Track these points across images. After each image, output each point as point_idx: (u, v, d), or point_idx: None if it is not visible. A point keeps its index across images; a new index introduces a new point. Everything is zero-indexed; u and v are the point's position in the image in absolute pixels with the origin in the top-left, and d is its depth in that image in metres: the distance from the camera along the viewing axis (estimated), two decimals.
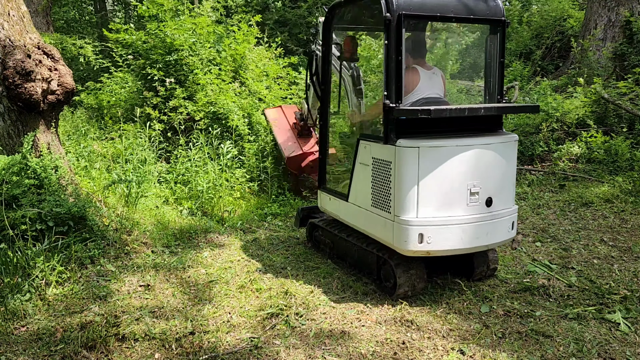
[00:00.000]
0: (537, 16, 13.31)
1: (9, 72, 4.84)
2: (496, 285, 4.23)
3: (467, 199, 3.72)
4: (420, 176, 3.62)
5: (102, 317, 3.66)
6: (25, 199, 4.60)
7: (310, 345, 3.32)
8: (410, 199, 3.65)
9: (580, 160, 7.87)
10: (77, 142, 7.80)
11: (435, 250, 3.72)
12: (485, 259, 4.25)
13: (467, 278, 4.26)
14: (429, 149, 3.63)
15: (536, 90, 9.66)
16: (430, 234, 3.66)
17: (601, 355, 3.24)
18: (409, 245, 3.67)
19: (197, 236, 5.57)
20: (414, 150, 3.60)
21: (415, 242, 3.65)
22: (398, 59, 3.69)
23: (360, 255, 4.42)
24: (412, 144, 3.62)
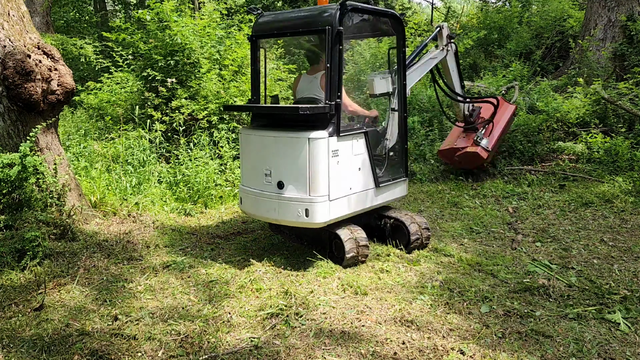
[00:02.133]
0: (537, 16, 13.32)
1: (9, 72, 4.84)
2: (496, 285, 4.23)
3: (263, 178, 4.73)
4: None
5: (103, 319, 3.67)
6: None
7: (310, 345, 3.32)
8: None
9: (580, 160, 7.87)
10: (77, 142, 7.81)
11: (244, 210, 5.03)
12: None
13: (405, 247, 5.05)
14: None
15: (536, 90, 9.66)
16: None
17: (601, 355, 3.24)
18: None
19: (197, 236, 5.58)
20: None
21: None
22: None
23: (314, 234, 5.03)
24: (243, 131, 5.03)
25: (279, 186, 4.58)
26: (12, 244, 4.48)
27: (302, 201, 4.49)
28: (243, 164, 5.01)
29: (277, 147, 4.59)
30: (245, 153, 4.93)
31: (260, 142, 4.73)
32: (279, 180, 4.57)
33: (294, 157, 4.47)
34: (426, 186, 7.66)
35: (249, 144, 4.84)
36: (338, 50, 4.42)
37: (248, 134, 4.86)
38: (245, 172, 4.96)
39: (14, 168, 4.69)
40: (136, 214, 6.02)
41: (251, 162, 4.84)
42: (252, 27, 4.98)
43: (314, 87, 4.98)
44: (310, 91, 5.01)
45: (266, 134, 4.69)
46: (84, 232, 5.21)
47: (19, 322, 3.62)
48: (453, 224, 5.93)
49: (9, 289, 4.11)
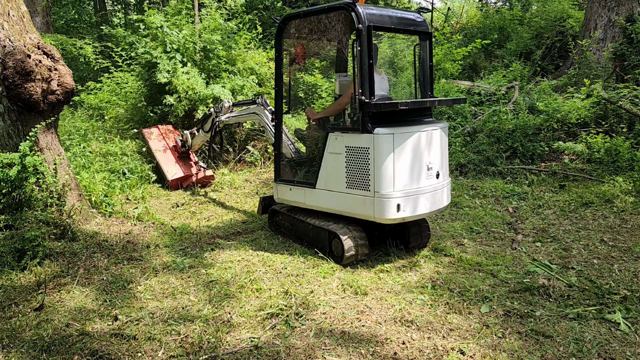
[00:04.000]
0: (537, 16, 13.32)
1: (9, 72, 4.84)
2: (496, 285, 4.23)
3: (426, 174, 4.61)
4: (395, 157, 4.42)
5: (103, 319, 3.67)
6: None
7: (310, 345, 3.32)
8: (384, 177, 4.41)
9: (579, 159, 7.86)
10: (77, 142, 7.81)
11: (409, 216, 4.51)
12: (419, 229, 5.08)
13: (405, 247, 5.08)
14: (400, 135, 4.44)
15: (536, 90, 9.66)
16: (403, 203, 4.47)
17: (601, 355, 3.24)
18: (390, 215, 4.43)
19: (197, 236, 5.58)
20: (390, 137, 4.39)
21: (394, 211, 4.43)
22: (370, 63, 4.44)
23: (314, 234, 5.09)
24: (387, 131, 4.37)
25: (437, 176, 4.72)
26: (12, 244, 4.49)
27: (449, 184, 4.94)
28: (396, 167, 4.40)
29: (434, 141, 4.69)
30: (401, 154, 4.43)
31: (417, 139, 4.51)
32: (437, 171, 4.72)
33: (443, 146, 4.79)
34: None
35: (405, 145, 4.44)
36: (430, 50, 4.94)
37: (401, 133, 4.42)
38: (401, 175, 4.43)
39: (13, 168, 4.69)
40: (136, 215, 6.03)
41: (410, 161, 4.48)
42: (358, 17, 4.46)
43: (384, 86, 5.09)
44: (382, 90, 5.00)
45: (419, 130, 4.54)
46: (84, 232, 5.21)
47: (19, 322, 3.62)
48: (453, 224, 5.93)
49: (9, 289, 4.11)
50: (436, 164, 4.68)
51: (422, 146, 4.55)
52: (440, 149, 4.73)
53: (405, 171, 4.45)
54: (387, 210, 4.38)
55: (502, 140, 8.36)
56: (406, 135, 4.44)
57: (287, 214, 5.44)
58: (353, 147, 4.52)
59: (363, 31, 4.35)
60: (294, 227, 5.40)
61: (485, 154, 8.28)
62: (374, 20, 4.46)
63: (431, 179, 4.62)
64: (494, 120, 8.59)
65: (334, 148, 4.69)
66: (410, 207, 4.47)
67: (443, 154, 4.79)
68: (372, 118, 4.43)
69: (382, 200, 4.37)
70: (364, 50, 4.38)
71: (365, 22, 4.37)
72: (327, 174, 4.79)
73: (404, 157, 4.43)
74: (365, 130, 4.41)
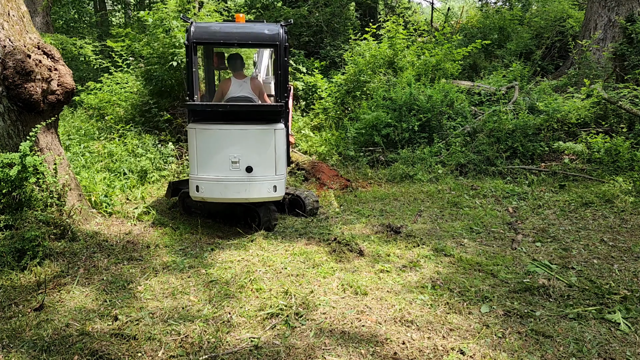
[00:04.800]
0: (537, 16, 13.32)
1: (9, 72, 4.84)
2: (496, 285, 4.23)
3: (230, 166, 5.41)
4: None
5: (103, 319, 3.67)
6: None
7: (310, 345, 3.32)
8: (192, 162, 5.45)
9: (580, 160, 7.87)
10: (77, 142, 7.81)
11: (207, 197, 5.46)
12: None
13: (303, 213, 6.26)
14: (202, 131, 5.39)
15: (536, 90, 9.66)
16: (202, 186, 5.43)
17: (601, 355, 3.24)
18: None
19: (197, 236, 5.58)
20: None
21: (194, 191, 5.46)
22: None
23: (230, 210, 5.97)
24: (193, 126, 5.40)
25: (249, 170, 5.39)
26: (12, 244, 4.48)
27: (271, 180, 5.51)
28: (200, 156, 5.40)
29: (245, 138, 5.41)
30: (205, 145, 5.39)
31: (224, 135, 5.37)
32: (248, 165, 5.40)
33: (263, 145, 5.43)
34: (426, 186, 7.66)
35: (209, 138, 5.38)
36: (285, 61, 5.54)
37: (206, 128, 5.37)
38: (204, 162, 5.41)
39: (13, 168, 4.69)
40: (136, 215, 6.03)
41: (214, 152, 5.37)
42: (188, 34, 5.45)
43: (245, 89, 5.91)
44: (243, 93, 5.88)
45: (231, 128, 5.37)
46: (84, 232, 5.21)
47: (19, 322, 3.62)
48: (453, 224, 5.93)
49: (9, 289, 4.11)
50: (248, 159, 5.40)
51: (226, 141, 5.38)
52: (258, 146, 5.43)
53: (205, 160, 5.40)
54: (192, 189, 5.48)
55: (502, 140, 8.36)
56: (209, 131, 5.37)
57: None
58: (186, 138, 5.52)
59: (189, 45, 5.32)
60: (206, 206, 6.19)
61: (485, 154, 8.28)
62: (200, 37, 5.40)
63: (236, 172, 5.40)
64: (494, 120, 8.60)
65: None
66: (207, 190, 5.43)
67: (262, 151, 5.44)
68: (192, 114, 5.45)
69: (190, 181, 5.49)
70: (189, 61, 5.39)
71: (192, 38, 5.33)
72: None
73: (204, 148, 5.38)
74: (187, 124, 5.49)
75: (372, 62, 11.11)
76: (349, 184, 7.89)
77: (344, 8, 15.95)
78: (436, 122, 9.26)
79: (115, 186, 6.83)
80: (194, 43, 5.37)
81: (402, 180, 8.08)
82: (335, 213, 6.52)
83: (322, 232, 5.63)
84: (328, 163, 8.84)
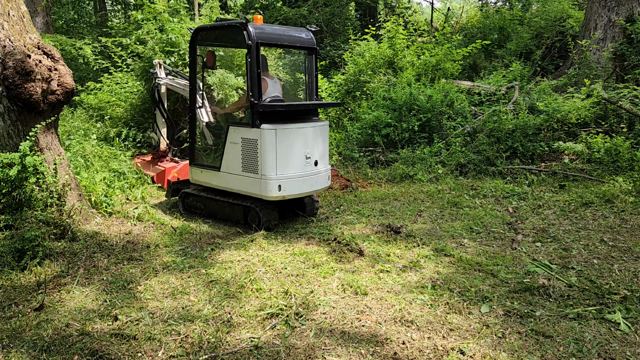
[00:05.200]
0: (537, 16, 13.32)
1: (9, 72, 4.84)
2: (496, 285, 4.23)
3: (305, 161, 5.70)
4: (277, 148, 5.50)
5: (103, 319, 3.67)
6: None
7: (310, 345, 3.32)
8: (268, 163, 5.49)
9: (580, 160, 7.87)
10: (77, 142, 7.81)
11: (288, 194, 5.63)
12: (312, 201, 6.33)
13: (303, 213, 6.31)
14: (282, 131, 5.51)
15: (536, 90, 9.66)
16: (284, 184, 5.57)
17: (601, 355, 3.24)
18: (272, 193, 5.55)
19: (197, 236, 5.58)
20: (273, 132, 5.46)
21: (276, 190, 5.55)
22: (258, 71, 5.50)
23: (230, 210, 6.05)
24: (271, 127, 5.45)
25: (315, 164, 5.81)
26: (12, 244, 4.49)
27: (328, 170, 6.06)
28: (279, 155, 5.50)
29: (314, 135, 5.81)
30: (283, 145, 5.53)
31: (298, 133, 5.65)
32: (315, 159, 5.81)
33: (322, 140, 5.91)
34: (426, 186, 7.66)
35: (286, 137, 5.53)
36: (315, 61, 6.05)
37: (283, 129, 5.51)
38: (283, 161, 5.54)
39: (13, 168, 4.69)
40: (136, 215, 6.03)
41: (291, 151, 5.58)
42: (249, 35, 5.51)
43: (277, 89, 6.07)
44: (276, 93, 6.06)
45: (303, 126, 5.72)
46: (84, 232, 5.21)
47: (19, 322, 3.62)
48: (453, 224, 5.93)
49: (9, 289, 4.11)
50: (315, 154, 5.77)
51: (301, 139, 5.65)
52: (320, 141, 5.86)
53: (286, 158, 5.55)
54: (270, 189, 5.54)
55: (502, 140, 8.36)
56: (287, 131, 5.55)
57: (199, 195, 6.30)
58: (246, 139, 5.60)
59: (252, 47, 5.39)
60: (207, 207, 6.29)
61: (485, 154, 8.28)
62: (262, 38, 5.53)
63: (310, 166, 5.72)
64: (494, 120, 8.59)
65: (233, 138, 5.72)
66: (289, 188, 5.61)
67: (323, 145, 5.91)
68: (260, 116, 5.47)
69: (266, 182, 5.53)
70: (253, 62, 5.41)
71: (255, 39, 5.41)
72: (228, 160, 5.83)
73: (284, 147, 5.52)
74: (255, 126, 5.47)
75: (372, 62, 11.11)
76: (349, 184, 7.89)
77: (343, 8, 15.96)
78: (436, 122, 9.26)
79: (115, 186, 6.83)
80: (258, 44, 5.47)
81: (402, 180, 8.08)
82: (336, 213, 6.53)
83: (322, 232, 5.63)
84: None
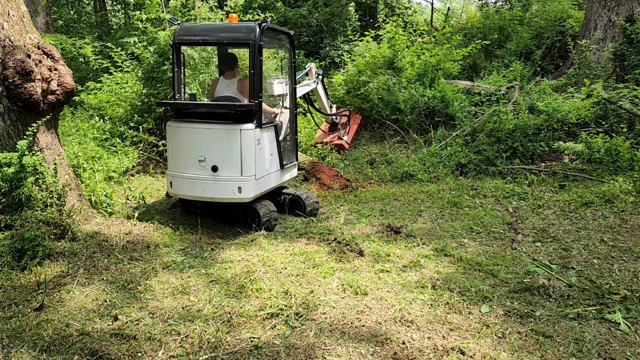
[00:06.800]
0: (537, 16, 13.31)
1: (9, 72, 4.84)
2: (496, 285, 4.23)
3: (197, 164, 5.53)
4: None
5: (103, 319, 3.67)
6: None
7: (310, 345, 3.32)
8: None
9: (580, 160, 7.86)
10: (77, 142, 7.81)
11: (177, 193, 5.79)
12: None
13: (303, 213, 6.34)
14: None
15: (536, 90, 9.66)
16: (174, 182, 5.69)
17: (601, 355, 3.24)
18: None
19: (197, 236, 5.58)
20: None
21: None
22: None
23: (229, 209, 6.04)
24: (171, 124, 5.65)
25: (214, 170, 5.48)
26: (12, 244, 4.48)
27: (236, 180, 5.49)
28: (174, 153, 5.63)
29: (211, 137, 5.50)
30: (176, 143, 5.61)
31: (193, 133, 5.52)
32: (213, 164, 5.48)
33: (228, 145, 5.43)
34: (426, 186, 7.66)
35: (179, 136, 5.59)
36: (260, 60, 5.48)
37: (178, 126, 5.58)
38: (176, 160, 5.64)
39: (11, 167, 4.69)
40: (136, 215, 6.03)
41: (183, 150, 5.56)
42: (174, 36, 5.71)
43: (231, 89, 5.98)
44: (228, 93, 5.96)
45: (200, 127, 5.50)
46: (84, 232, 5.21)
47: (19, 322, 3.62)
48: (453, 224, 5.93)
49: (9, 289, 4.11)
50: (212, 159, 5.48)
51: (195, 140, 5.52)
52: (225, 146, 5.48)
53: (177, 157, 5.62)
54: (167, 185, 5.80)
55: (502, 140, 8.36)
56: (180, 129, 5.57)
57: None
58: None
59: (172, 46, 5.60)
60: (206, 206, 6.20)
61: (485, 154, 8.28)
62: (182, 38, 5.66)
63: (204, 170, 5.51)
64: (494, 120, 8.59)
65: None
66: (178, 186, 5.66)
67: (229, 151, 5.46)
68: (175, 113, 5.73)
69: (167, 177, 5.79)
70: (174, 61, 5.72)
71: (175, 39, 5.58)
72: None
73: (176, 146, 5.61)
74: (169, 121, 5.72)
75: (372, 62, 11.11)
76: (349, 184, 7.89)
77: (343, 8, 15.96)
78: (436, 122, 9.26)
79: (114, 186, 6.83)
80: (177, 43, 5.68)
81: (402, 180, 8.08)
82: (336, 213, 6.53)
83: (322, 232, 5.63)
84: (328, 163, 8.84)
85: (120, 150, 8.25)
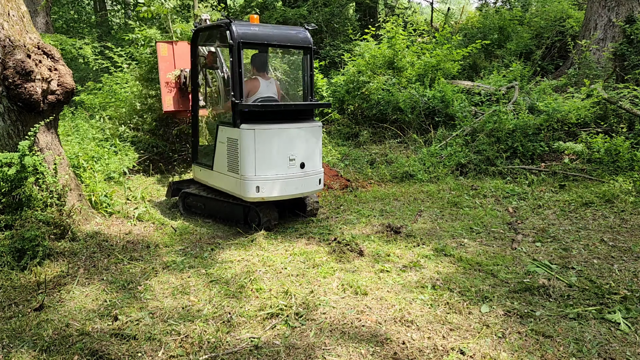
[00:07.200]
0: (537, 16, 13.31)
1: (9, 72, 4.84)
2: (496, 285, 4.23)
3: (288, 163, 5.58)
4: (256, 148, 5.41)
5: (103, 319, 3.67)
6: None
7: (310, 345, 3.32)
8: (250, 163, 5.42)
9: (580, 160, 7.86)
10: (77, 142, 7.81)
11: (267, 196, 5.52)
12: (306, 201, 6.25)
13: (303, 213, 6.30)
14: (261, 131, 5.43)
15: (536, 90, 9.66)
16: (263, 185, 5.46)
17: (601, 355, 3.24)
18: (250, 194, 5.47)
19: (197, 236, 5.58)
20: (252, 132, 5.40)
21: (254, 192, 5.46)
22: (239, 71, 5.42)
23: (229, 210, 6.06)
24: (250, 127, 5.39)
25: (302, 166, 5.67)
26: (12, 244, 4.48)
27: (317, 173, 5.88)
28: (260, 157, 5.44)
29: (299, 136, 5.67)
30: (263, 146, 5.46)
31: (283, 134, 5.56)
32: (302, 162, 5.68)
33: (312, 141, 5.76)
34: (426, 186, 7.66)
35: (268, 138, 5.48)
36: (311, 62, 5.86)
37: (264, 129, 5.43)
38: (263, 162, 5.46)
39: (12, 167, 4.69)
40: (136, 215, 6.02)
41: (275, 152, 5.52)
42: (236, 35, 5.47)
43: (271, 89, 6.10)
44: (269, 93, 6.06)
45: (289, 127, 5.61)
46: (84, 232, 5.21)
47: (19, 322, 3.62)
48: (453, 224, 5.93)
49: (9, 289, 4.11)
50: (300, 156, 5.65)
51: (284, 140, 5.54)
52: (308, 143, 5.73)
53: (265, 159, 5.45)
54: (247, 190, 5.46)
55: (502, 140, 8.36)
56: (267, 131, 5.46)
57: (199, 195, 6.34)
58: (230, 139, 5.61)
59: (234, 46, 5.37)
60: (207, 206, 6.32)
61: (485, 154, 8.28)
62: (245, 37, 5.46)
63: (294, 168, 5.61)
64: (494, 120, 8.60)
65: (221, 138, 5.79)
66: (268, 189, 5.50)
67: (311, 147, 5.76)
68: (241, 116, 5.43)
69: (245, 182, 5.46)
70: (235, 61, 5.38)
71: (237, 38, 5.38)
72: (218, 159, 5.90)
73: (263, 148, 5.44)
74: (236, 125, 5.45)
75: (372, 62, 11.11)
76: (349, 184, 7.89)
77: (343, 8, 15.95)
78: (436, 122, 9.26)
79: (114, 186, 6.83)
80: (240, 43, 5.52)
81: (402, 180, 8.08)
82: (336, 213, 6.53)
83: (322, 232, 5.63)
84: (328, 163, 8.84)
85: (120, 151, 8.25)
